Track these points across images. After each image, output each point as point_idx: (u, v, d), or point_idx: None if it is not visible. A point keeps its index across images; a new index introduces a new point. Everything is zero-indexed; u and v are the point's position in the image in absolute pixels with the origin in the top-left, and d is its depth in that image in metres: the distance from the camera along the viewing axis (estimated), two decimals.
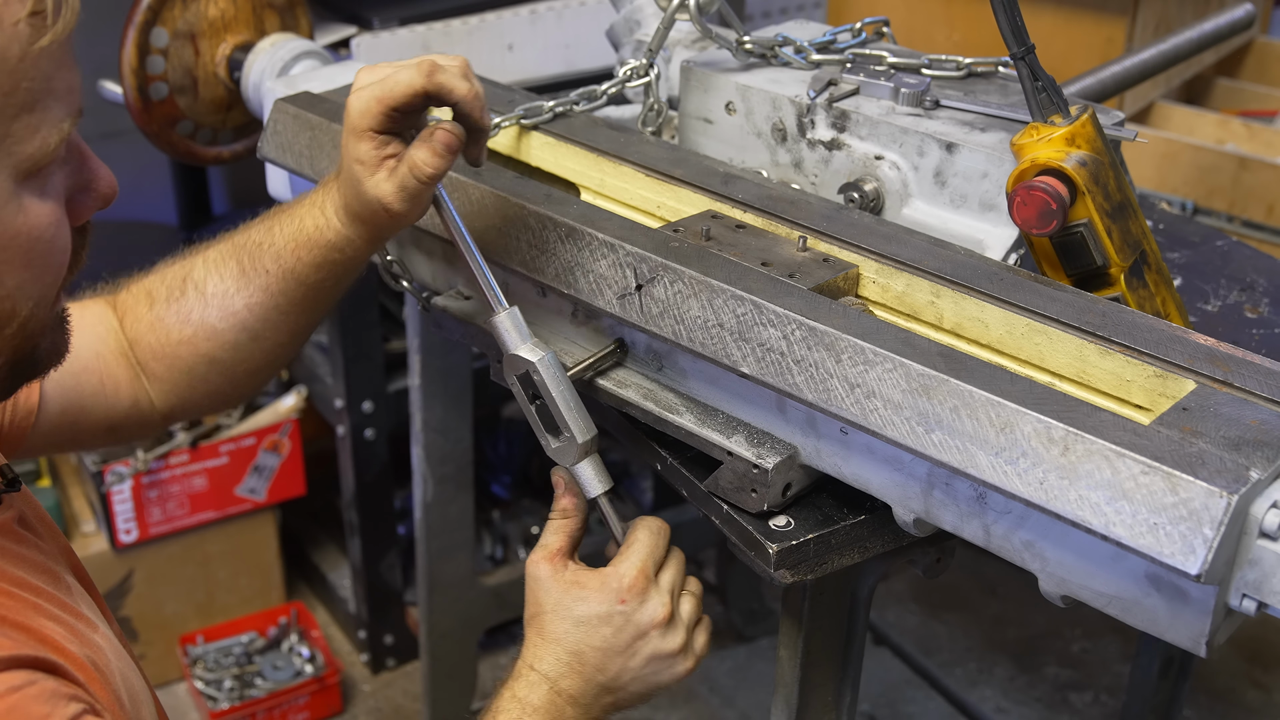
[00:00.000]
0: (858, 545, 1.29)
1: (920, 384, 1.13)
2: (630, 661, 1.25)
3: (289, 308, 1.37)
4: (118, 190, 1.04)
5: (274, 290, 1.36)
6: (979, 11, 2.71)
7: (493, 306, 1.28)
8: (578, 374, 1.35)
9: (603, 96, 1.64)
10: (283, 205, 1.38)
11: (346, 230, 1.31)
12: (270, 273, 1.35)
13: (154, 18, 1.97)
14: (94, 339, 1.40)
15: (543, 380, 1.27)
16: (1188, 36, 1.89)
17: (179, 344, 1.39)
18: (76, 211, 1.01)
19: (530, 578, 1.27)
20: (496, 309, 1.28)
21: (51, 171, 0.97)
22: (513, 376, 1.28)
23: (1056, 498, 1.05)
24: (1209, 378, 1.15)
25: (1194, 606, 1.07)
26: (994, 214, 1.43)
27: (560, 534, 1.28)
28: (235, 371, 1.41)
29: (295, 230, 1.34)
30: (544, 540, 1.28)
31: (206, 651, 2.81)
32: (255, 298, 1.36)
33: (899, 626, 3.01)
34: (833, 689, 1.43)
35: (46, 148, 0.94)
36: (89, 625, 1.08)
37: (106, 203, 1.04)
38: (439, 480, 2.40)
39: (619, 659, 1.24)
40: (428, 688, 2.61)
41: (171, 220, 3.33)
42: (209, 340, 1.38)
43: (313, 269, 1.34)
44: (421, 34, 2.35)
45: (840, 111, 1.52)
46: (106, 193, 1.03)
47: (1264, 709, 2.84)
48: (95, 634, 1.07)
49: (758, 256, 1.33)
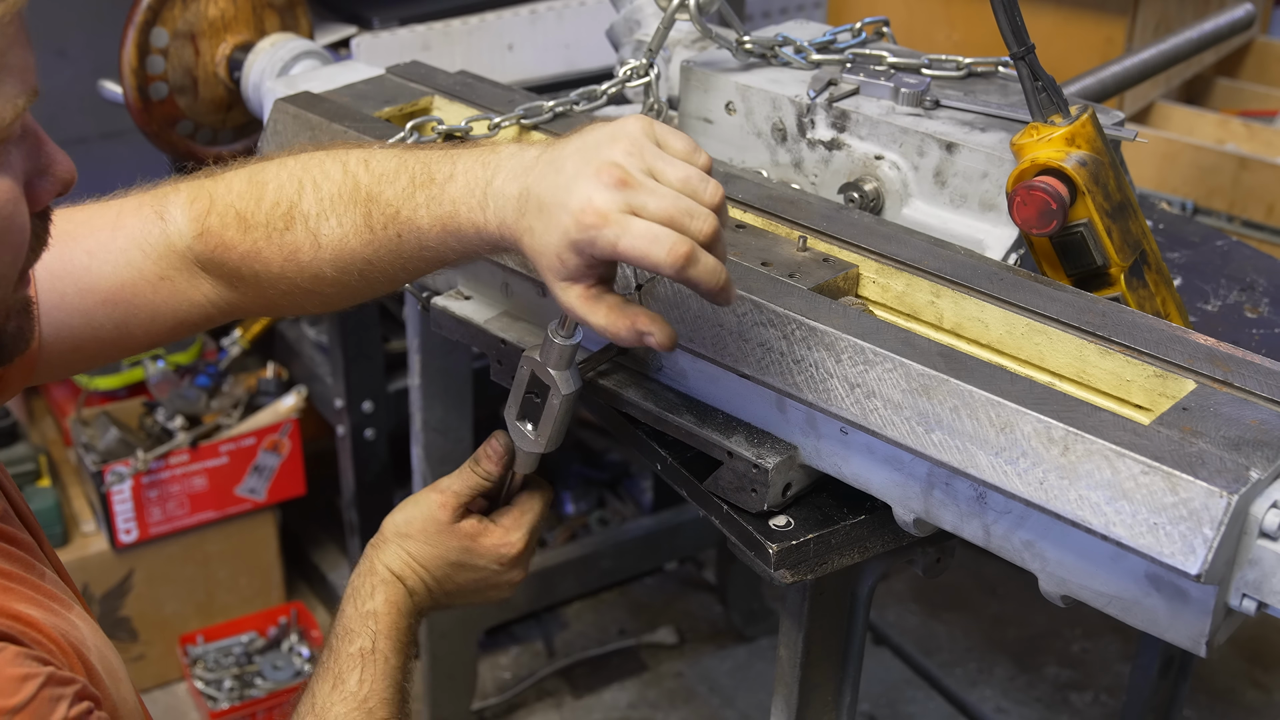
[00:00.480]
0: (858, 545, 1.29)
1: (920, 384, 1.13)
2: (471, 598, 1.38)
3: (415, 269, 1.24)
4: (76, 176, 1.02)
5: (406, 255, 1.21)
6: (979, 11, 2.71)
7: (559, 335, 1.24)
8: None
9: (603, 96, 1.64)
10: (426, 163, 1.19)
11: (493, 246, 1.17)
12: (405, 241, 1.20)
13: (154, 18, 1.97)
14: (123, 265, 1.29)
15: (555, 406, 1.26)
16: (1188, 36, 1.89)
17: (279, 278, 1.26)
18: (36, 196, 1.00)
19: (424, 507, 1.33)
20: (563, 338, 1.24)
21: (7, 150, 0.96)
22: (527, 368, 1.27)
23: (1056, 497, 1.05)
24: (1209, 378, 1.15)
25: (1194, 606, 1.07)
26: (994, 214, 1.43)
27: (469, 492, 1.34)
28: (331, 300, 1.31)
29: (445, 217, 1.17)
30: (454, 485, 1.33)
31: (206, 651, 2.81)
32: (381, 255, 1.22)
33: (899, 626, 3.01)
34: (833, 689, 1.43)
35: (1, 123, 0.93)
36: (64, 605, 1.08)
37: (66, 188, 1.02)
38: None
39: (465, 596, 1.37)
40: (428, 687, 2.61)
41: None
42: (314, 280, 1.26)
43: (455, 253, 1.20)
44: (421, 34, 2.35)
45: (840, 111, 1.52)
46: (65, 177, 1.01)
47: (1264, 709, 2.84)
48: (70, 613, 1.08)
49: (758, 256, 1.33)
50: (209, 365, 2.86)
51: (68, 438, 2.82)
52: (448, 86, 1.70)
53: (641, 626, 3.03)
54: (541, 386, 1.27)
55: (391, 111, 1.65)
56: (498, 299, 1.52)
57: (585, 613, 3.08)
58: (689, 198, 1.05)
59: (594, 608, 3.09)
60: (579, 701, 2.85)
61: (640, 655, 2.96)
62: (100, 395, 2.82)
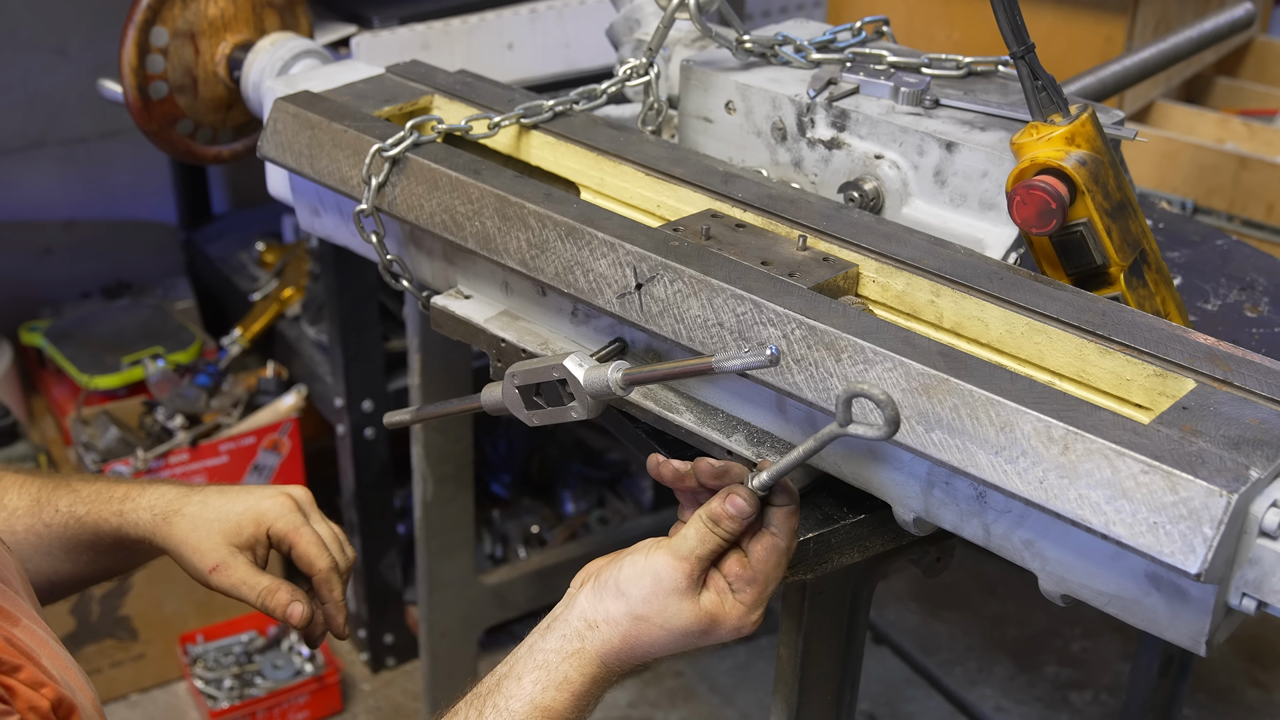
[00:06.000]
0: (858, 544, 1.29)
1: (920, 383, 1.13)
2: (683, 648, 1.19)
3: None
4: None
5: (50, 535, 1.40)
6: (979, 11, 2.71)
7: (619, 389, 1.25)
8: None
9: (602, 95, 1.64)
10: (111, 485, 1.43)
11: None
12: (62, 515, 1.40)
13: (154, 17, 1.97)
14: None
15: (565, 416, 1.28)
16: (1188, 36, 1.89)
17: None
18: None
19: (666, 578, 1.14)
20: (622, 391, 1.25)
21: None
22: (560, 375, 1.28)
23: (1056, 497, 1.05)
24: (1209, 377, 1.15)
25: (1194, 605, 1.07)
26: (994, 213, 1.43)
27: (709, 556, 1.15)
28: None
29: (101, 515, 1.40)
30: (697, 549, 1.14)
31: (206, 650, 2.81)
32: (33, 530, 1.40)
33: (899, 626, 3.01)
34: (833, 688, 1.43)
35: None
36: (8, 620, 1.08)
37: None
38: (439, 479, 2.40)
39: (675, 649, 1.18)
40: (428, 687, 2.61)
41: (171, 220, 3.33)
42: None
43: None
44: (421, 33, 2.35)
45: (840, 110, 1.52)
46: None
47: (1264, 708, 2.84)
48: (15, 628, 1.08)
49: (758, 255, 1.33)
50: (209, 364, 2.86)
51: (68, 437, 2.82)
52: (448, 86, 1.70)
53: None
54: (557, 395, 1.27)
55: (391, 111, 1.65)
56: (498, 298, 1.52)
57: None
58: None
59: None
60: None
61: None
62: (100, 394, 2.82)
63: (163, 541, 1.36)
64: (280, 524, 1.37)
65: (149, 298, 3.17)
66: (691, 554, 1.14)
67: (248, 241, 3.18)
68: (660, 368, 1.24)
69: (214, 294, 3.27)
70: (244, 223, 3.30)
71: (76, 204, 3.24)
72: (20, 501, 1.41)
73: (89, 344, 2.89)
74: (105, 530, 1.38)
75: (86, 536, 1.39)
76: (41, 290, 3.17)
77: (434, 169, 1.47)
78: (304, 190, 1.75)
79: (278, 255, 3.09)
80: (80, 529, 1.39)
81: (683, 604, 1.14)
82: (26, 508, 1.40)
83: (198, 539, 1.35)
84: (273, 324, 2.93)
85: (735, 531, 1.14)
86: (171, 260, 3.33)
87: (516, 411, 1.31)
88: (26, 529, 1.39)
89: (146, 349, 2.85)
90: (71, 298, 3.17)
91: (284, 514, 1.37)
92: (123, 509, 1.38)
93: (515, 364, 1.31)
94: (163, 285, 3.25)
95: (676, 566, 1.14)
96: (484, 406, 1.35)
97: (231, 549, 1.35)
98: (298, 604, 1.34)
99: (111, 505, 1.39)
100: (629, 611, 1.15)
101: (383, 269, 1.59)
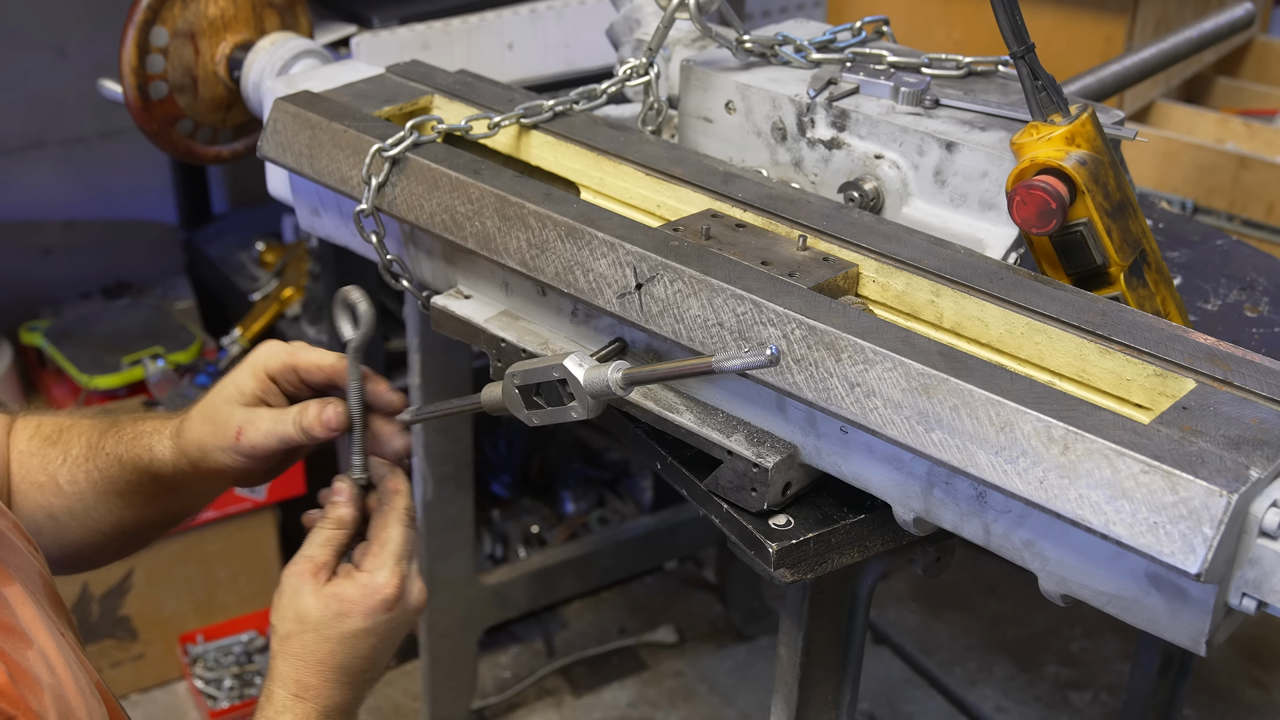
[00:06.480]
0: (858, 544, 1.29)
1: (920, 383, 1.13)
2: (390, 649, 1.25)
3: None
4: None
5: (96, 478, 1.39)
6: (979, 11, 2.71)
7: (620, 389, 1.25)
8: None
9: (602, 95, 1.64)
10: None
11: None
12: (108, 458, 1.39)
13: (154, 17, 1.97)
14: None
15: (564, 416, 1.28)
16: (1187, 36, 1.89)
17: (32, 486, 1.40)
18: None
19: (289, 590, 1.21)
20: (623, 391, 1.25)
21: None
22: (561, 375, 1.28)
23: (1056, 496, 1.05)
24: (1209, 377, 1.15)
25: (1194, 605, 1.07)
26: (994, 213, 1.43)
27: (328, 547, 1.24)
28: (63, 536, 1.41)
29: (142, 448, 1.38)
30: (309, 551, 1.23)
31: (206, 650, 2.81)
32: (82, 477, 1.39)
33: (899, 625, 3.01)
34: (833, 688, 1.43)
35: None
36: (22, 642, 1.08)
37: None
38: (439, 479, 2.40)
39: (383, 655, 1.24)
40: (428, 687, 2.61)
41: (171, 219, 3.33)
42: (54, 496, 1.39)
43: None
44: (421, 33, 2.35)
45: (840, 110, 1.52)
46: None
47: (1264, 708, 2.84)
48: (29, 650, 1.07)
49: (758, 255, 1.33)
50: (209, 364, 2.86)
51: None
52: (447, 85, 1.70)
53: (641, 625, 3.03)
54: (557, 395, 1.27)
55: (391, 110, 1.65)
56: (498, 298, 1.52)
57: (585, 612, 3.08)
58: None
59: (594, 607, 3.09)
60: (579, 700, 2.85)
61: (640, 654, 2.96)
62: (100, 394, 2.82)
63: (185, 452, 1.33)
64: (274, 361, 1.32)
65: (149, 298, 3.17)
66: (303, 555, 1.23)
67: (248, 241, 3.18)
68: (660, 368, 1.24)
69: (214, 294, 3.27)
70: (244, 223, 3.29)
71: (76, 204, 3.24)
72: (81, 449, 1.40)
73: (89, 344, 2.89)
74: (141, 467, 1.36)
75: (131, 477, 1.37)
76: (41, 290, 3.17)
77: (434, 169, 1.47)
78: (304, 190, 1.75)
79: (278, 255, 3.09)
80: (122, 471, 1.37)
81: (309, 599, 1.20)
82: (84, 454, 1.39)
83: (212, 423, 1.31)
84: (273, 324, 2.93)
85: (345, 517, 1.25)
86: (171, 260, 3.33)
87: (516, 411, 1.31)
88: (85, 475, 1.38)
89: (146, 349, 2.86)
90: (71, 298, 3.18)
91: (274, 352, 1.33)
92: (151, 443, 1.36)
93: (515, 364, 1.31)
94: (163, 285, 3.25)
95: (292, 570, 1.22)
96: (484, 406, 1.35)
97: (246, 410, 1.31)
98: (328, 407, 1.29)
99: (142, 440, 1.37)
100: (285, 635, 1.21)
101: (383, 269, 1.59)
